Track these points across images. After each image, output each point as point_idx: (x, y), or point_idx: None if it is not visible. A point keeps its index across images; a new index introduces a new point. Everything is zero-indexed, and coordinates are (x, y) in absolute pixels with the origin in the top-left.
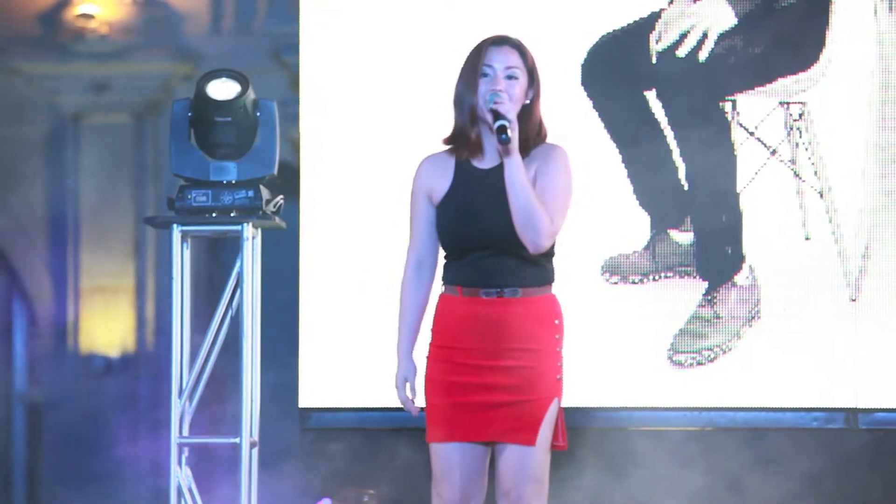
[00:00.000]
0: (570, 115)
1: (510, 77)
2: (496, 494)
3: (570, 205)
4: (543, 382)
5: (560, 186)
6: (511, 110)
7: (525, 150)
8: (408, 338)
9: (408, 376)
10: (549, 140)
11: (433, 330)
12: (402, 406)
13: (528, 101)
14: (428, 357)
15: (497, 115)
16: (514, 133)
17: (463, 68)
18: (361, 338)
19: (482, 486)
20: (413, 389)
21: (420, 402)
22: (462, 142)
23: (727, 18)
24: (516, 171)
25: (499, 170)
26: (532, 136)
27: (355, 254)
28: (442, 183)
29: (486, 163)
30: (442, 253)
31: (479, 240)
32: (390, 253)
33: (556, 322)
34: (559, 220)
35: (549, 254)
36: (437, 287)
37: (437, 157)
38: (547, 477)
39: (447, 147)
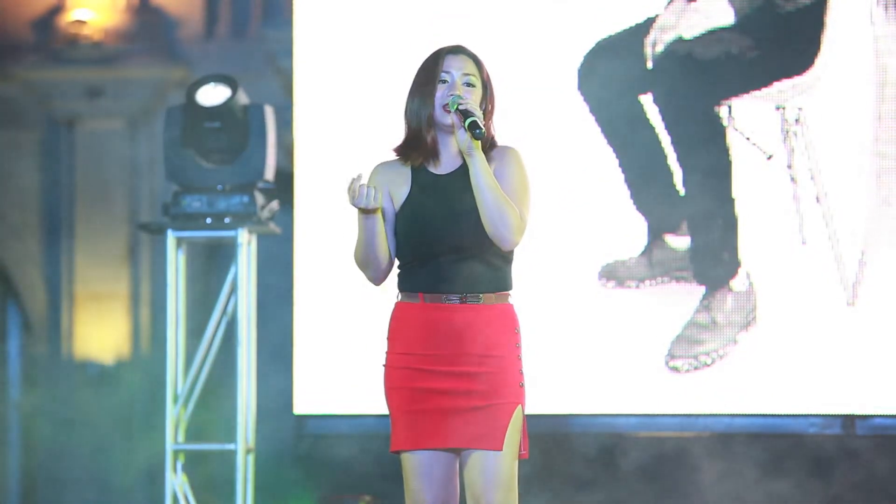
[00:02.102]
0: (567, 120)
1: (468, 84)
2: (466, 502)
3: (532, 201)
4: (507, 388)
5: (521, 182)
6: (477, 108)
7: None
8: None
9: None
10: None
11: (390, 338)
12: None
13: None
14: (386, 365)
15: (466, 114)
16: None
17: (418, 76)
18: (356, 344)
19: (454, 492)
20: (376, 196)
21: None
22: (417, 148)
23: (723, 23)
24: (482, 170)
25: (456, 175)
26: (484, 149)
27: (350, 260)
28: (400, 190)
29: (442, 168)
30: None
31: (441, 245)
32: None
33: (516, 330)
34: (527, 215)
35: (509, 260)
36: (392, 297)
37: (391, 164)
38: (516, 484)
39: (398, 156)
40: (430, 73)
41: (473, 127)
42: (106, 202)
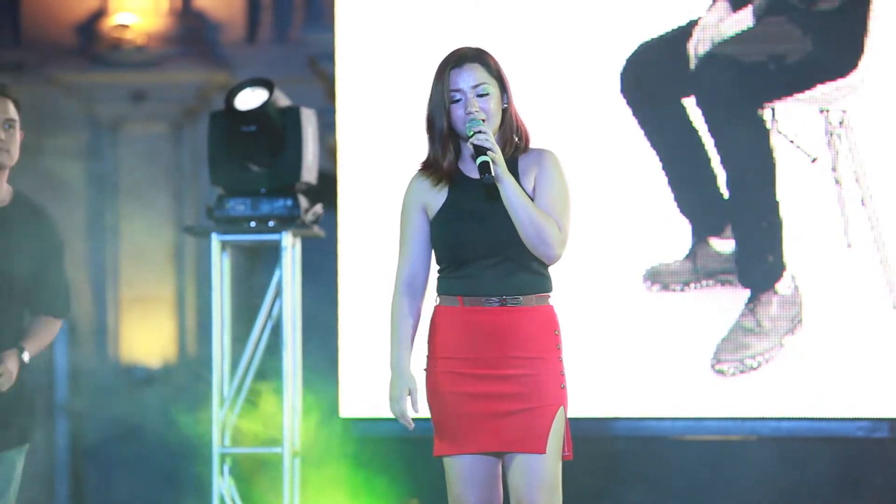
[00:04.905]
0: (610, 124)
1: (481, 95)
2: None
3: (573, 207)
4: (548, 390)
5: (560, 192)
6: (489, 139)
7: (512, 156)
8: (405, 352)
9: (411, 387)
10: (568, 145)
11: (431, 342)
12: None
13: (504, 106)
14: (427, 370)
15: (478, 150)
16: (498, 163)
17: (430, 95)
18: None
19: (498, 495)
20: (415, 402)
21: (418, 414)
22: (436, 170)
23: (766, 26)
24: (513, 193)
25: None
26: (514, 140)
27: (394, 261)
28: (437, 196)
29: (477, 173)
30: (434, 266)
31: (480, 249)
32: (432, 261)
33: (556, 332)
34: (567, 226)
35: (547, 263)
36: (430, 301)
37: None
38: (560, 485)
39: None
40: (439, 94)
41: (483, 170)
42: (150, 205)
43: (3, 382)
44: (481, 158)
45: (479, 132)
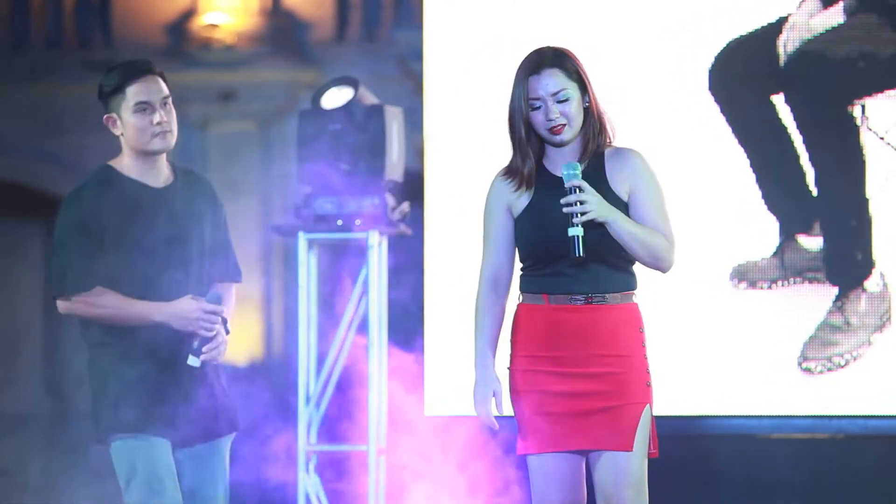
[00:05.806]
0: (698, 121)
1: (561, 101)
2: (596, 502)
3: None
4: (634, 388)
5: (657, 198)
6: (592, 199)
7: (596, 153)
8: (489, 352)
9: (495, 389)
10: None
11: (514, 340)
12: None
13: (585, 105)
14: (511, 369)
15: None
16: (597, 215)
17: (510, 103)
18: None
19: (582, 493)
20: (500, 403)
21: (502, 414)
22: (517, 175)
23: (855, 22)
24: (620, 229)
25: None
26: (596, 135)
27: (480, 259)
28: (521, 196)
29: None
30: (518, 264)
31: (565, 247)
32: (515, 259)
33: (641, 330)
34: (670, 230)
35: (633, 260)
36: (514, 299)
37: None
38: (646, 483)
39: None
40: (517, 102)
41: (574, 245)
42: (238, 204)
43: (224, 352)
44: (572, 232)
45: (575, 188)
